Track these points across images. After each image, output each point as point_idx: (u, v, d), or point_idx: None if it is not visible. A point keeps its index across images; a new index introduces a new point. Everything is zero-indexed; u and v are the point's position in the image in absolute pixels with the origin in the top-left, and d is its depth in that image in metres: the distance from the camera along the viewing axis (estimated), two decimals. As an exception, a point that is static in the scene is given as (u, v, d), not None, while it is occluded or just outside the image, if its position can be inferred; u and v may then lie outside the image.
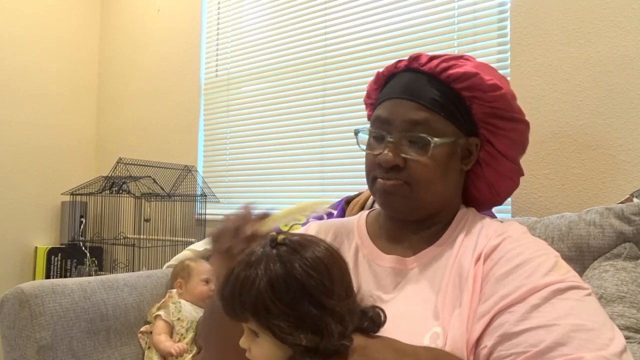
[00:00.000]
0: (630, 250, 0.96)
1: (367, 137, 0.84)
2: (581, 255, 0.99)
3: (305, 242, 0.53)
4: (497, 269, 0.67)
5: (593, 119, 1.27)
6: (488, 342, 0.60)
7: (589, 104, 1.28)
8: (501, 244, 0.71)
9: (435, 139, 0.76)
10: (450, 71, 0.78)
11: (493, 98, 0.78)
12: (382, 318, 0.54)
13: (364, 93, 0.91)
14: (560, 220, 1.06)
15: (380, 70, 0.91)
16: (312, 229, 0.94)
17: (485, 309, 0.63)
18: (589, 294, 0.62)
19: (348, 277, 0.55)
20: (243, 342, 0.53)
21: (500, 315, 0.61)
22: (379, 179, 0.78)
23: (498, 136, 0.81)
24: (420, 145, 0.76)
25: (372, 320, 0.53)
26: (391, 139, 0.77)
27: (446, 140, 0.77)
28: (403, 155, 0.76)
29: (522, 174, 0.87)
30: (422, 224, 0.80)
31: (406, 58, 0.85)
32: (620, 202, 1.06)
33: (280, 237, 0.53)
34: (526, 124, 0.84)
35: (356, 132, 0.87)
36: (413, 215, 0.80)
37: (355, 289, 0.56)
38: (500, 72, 1.47)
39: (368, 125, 0.84)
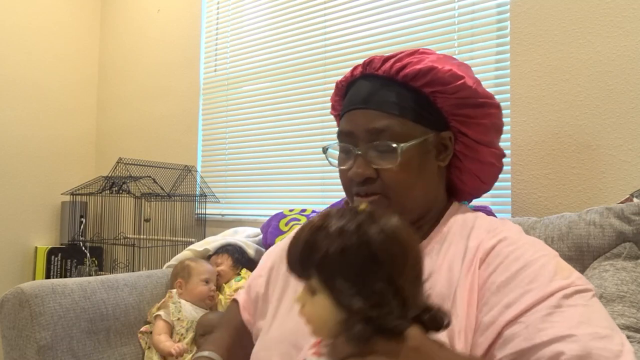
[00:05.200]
0: (630, 250, 0.96)
1: (337, 152, 0.83)
2: (581, 255, 0.99)
3: (389, 217, 0.52)
4: (497, 276, 0.65)
5: (593, 119, 1.27)
6: (500, 354, 0.58)
7: (589, 104, 1.28)
8: (497, 246, 0.69)
9: (401, 145, 0.73)
10: (406, 70, 0.76)
11: (455, 89, 0.76)
12: (445, 322, 0.51)
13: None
14: (560, 220, 1.06)
15: (340, 79, 0.88)
16: None
17: (490, 320, 0.61)
18: (593, 296, 0.62)
19: (421, 265, 0.53)
20: (299, 298, 0.52)
21: (509, 327, 0.59)
22: (356, 197, 0.77)
23: (470, 125, 0.79)
24: (388, 153, 0.74)
25: (433, 317, 0.50)
26: (358, 152, 0.76)
27: (414, 142, 0.75)
28: (374, 166, 0.75)
29: (504, 156, 0.85)
30: (413, 225, 0.77)
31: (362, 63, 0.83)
32: (620, 202, 1.06)
33: (363, 206, 0.52)
34: (497, 107, 0.81)
35: (324, 150, 0.86)
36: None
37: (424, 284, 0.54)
38: (500, 72, 1.49)
39: (336, 141, 0.82)
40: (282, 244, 0.96)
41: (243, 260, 1.63)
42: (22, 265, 2.40)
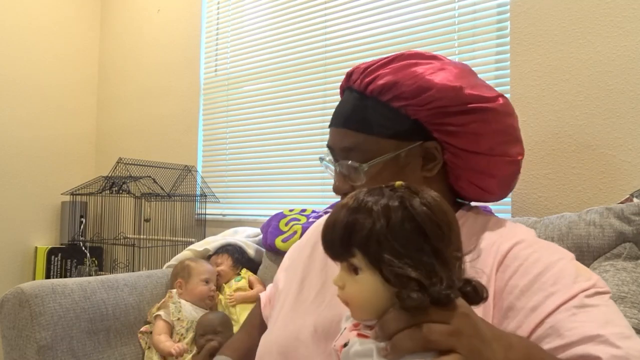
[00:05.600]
0: (630, 250, 0.96)
1: None
2: (581, 255, 0.99)
3: (427, 191, 0.51)
4: (517, 280, 0.65)
5: (593, 119, 1.27)
6: None
7: (589, 104, 1.28)
8: (513, 249, 0.69)
9: (363, 165, 0.74)
10: (372, 86, 0.75)
11: (424, 101, 0.73)
12: (485, 293, 0.50)
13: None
14: (560, 220, 1.06)
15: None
16: (314, 227, 0.96)
17: (517, 324, 0.62)
18: (610, 298, 0.63)
19: (460, 237, 0.52)
20: (337, 280, 0.51)
21: (537, 329, 0.60)
22: None
23: (455, 134, 0.75)
24: (355, 171, 0.75)
25: (474, 289, 0.49)
26: (337, 167, 0.78)
27: (379, 160, 0.74)
28: (350, 182, 0.76)
29: (518, 161, 0.79)
30: None
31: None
32: (620, 202, 1.06)
33: (398, 183, 0.52)
34: (488, 111, 0.74)
35: (321, 160, 0.86)
36: None
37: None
38: (500, 72, 1.49)
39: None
40: (301, 243, 0.97)
41: (243, 260, 1.63)
42: (22, 265, 2.40)
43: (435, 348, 0.44)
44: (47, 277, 2.28)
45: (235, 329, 1.39)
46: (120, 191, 2.04)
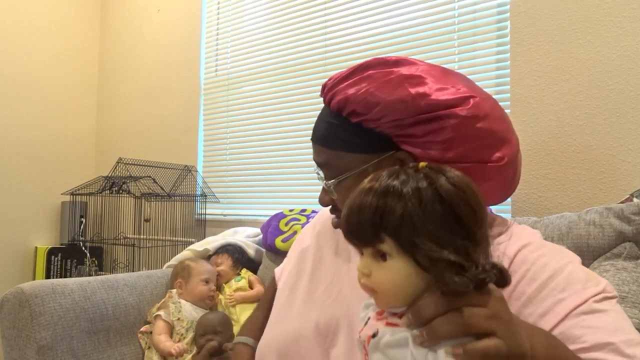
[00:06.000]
0: (631, 250, 0.96)
1: None
2: (581, 255, 0.97)
3: (452, 170, 0.49)
4: (525, 286, 0.64)
5: (593, 119, 1.27)
6: None
7: (589, 104, 1.28)
8: (521, 252, 0.67)
9: (329, 182, 0.75)
10: (333, 102, 0.76)
11: (376, 116, 0.70)
12: (509, 278, 0.47)
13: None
14: (560, 220, 1.06)
15: None
16: (312, 222, 0.96)
17: None
18: (617, 302, 0.63)
19: (487, 217, 0.50)
20: (363, 267, 0.48)
21: None
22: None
23: (421, 145, 0.70)
24: (327, 186, 0.77)
25: (501, 273, 0.46)
26: (320, 180, 0.79)
27: (350, 174, 0.74)
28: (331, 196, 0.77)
29: (505, 165, 0.72)
30: None
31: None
32: (620, 202, 1.06)
33: (423, 164, 0.50)
34: (449, 117, 0.68)
35: (317, 173, 0.88)
36: None
37: None
38: (500, 72, 1.49)
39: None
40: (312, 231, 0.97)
41: (243, 260, 1.63)
42: (22, 265, 2.40)
43: (474, 332, 0.43)
44: (47, 277, 2.28)
45: (236, 329, 1.39)
46: (120, 191, 2.04)
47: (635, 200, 1.08)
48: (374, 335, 0.47)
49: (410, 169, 0.49)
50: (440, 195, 0.46)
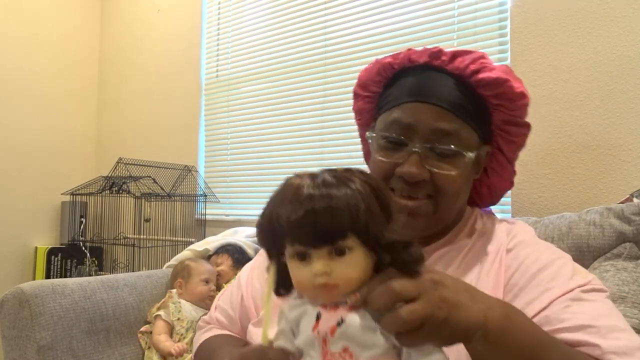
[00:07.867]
0: (631, 250, 0.96)
1: (375, 139, 0.75)
2: (581, 255, 0.99)
3: (355, 170, 0.54)
4: (517, 279, 0.66)
5: (593, 119, 1.27)
6: None
7: (589, 104, 1.28)
8: (515, 249, 0.70)
9: (470, 154, 0.70)
10: (481, 75, 0.71)
11: (518, 106, 0.74)
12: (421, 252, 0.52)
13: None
14: (560, 220, 1.06)
15: (381, 57, 0.82)
16: None
17: None
18: (607, 297, 0.64)
19: None
20: (324, 267, 0.49)
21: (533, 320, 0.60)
22: (400, 199, 0.69)
23: (509, 143, 0.78)
24: (452, 158, 0.69)
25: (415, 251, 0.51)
26: (416, 149, 0.69)
27: (475, 153, 0.72)
28: (428, 168, 0.69)
29: (515, 174, 0.86)
30: (441, 231, 0.77)
31: (419, 49, 0.78)
32: (620, 202, 1.06)
33: (340, 168, 0.54)
34: (530, 128, 0.81)
35: (369, 135, 0.79)
36: (432, 231, 0.74)
37: None
38: (501, 72, 1.48)
39: (376, 127, 0.76)
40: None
41: (243, 260, 1.62)
42: (22, 265, 2.40)
43: (403, 299, 0.45)
44: (47, 277, 2.28)
45: (235, 329, 1.39)
46: (121, 191, 2.04)
47: (635, 200, 1.08)
48: (338, 324, 0.49)
49: (331, 170, 0.52)
50: (373, 188, 0.51)
